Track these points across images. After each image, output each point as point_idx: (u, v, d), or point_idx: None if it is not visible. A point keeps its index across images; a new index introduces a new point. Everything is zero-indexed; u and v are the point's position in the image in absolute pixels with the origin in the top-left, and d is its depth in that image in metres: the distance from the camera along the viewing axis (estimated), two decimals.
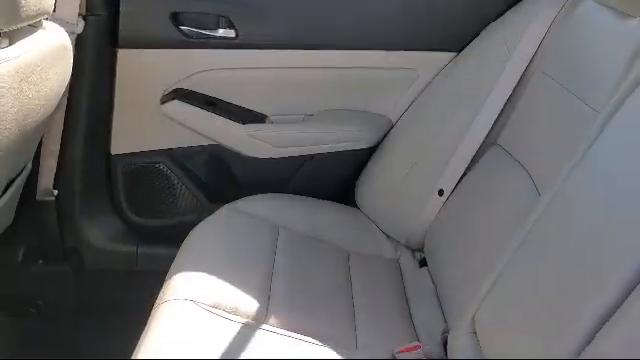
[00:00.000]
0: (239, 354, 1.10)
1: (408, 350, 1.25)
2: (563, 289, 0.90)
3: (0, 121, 1.15)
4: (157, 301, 1.24)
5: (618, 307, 0.79)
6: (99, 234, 1.81)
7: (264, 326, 1.19)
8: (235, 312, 1.21)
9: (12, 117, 1.21)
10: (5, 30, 1.15)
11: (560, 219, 1.00)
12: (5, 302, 1.73)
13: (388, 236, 1.68)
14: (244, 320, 1.19)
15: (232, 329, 1.15)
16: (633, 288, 0.78)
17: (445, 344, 1.25)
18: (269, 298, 1.28)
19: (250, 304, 1.24)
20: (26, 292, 1.76)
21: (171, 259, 1.40)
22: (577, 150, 1.05)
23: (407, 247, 1.64)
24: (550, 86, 1.34)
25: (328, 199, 1.79)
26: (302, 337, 1.19)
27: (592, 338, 0.81)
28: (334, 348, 1.18)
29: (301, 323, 1.23)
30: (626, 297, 0.78)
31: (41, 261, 1.80)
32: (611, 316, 0.79)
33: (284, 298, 1.30)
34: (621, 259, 0.81)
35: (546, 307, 0.93)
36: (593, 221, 0.91)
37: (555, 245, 0.98)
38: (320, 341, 1.19)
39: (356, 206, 1.79)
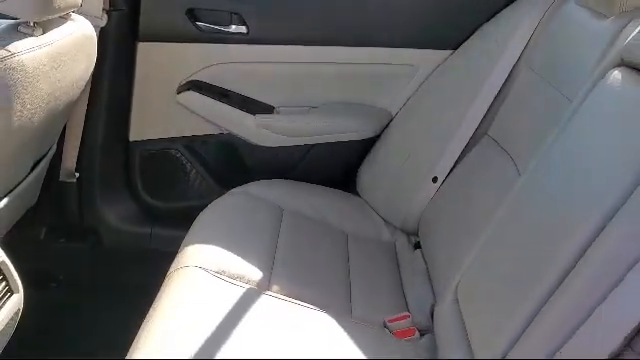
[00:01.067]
0: (243, 314, 1.20)
1: (398, 320, 1.36)
2: (529, 254, 1.01)
3: (33, 102, 1.28)
4: (170, 269, 1.36)
5: (572, 268, 0.90)
6: (116, 215, 1.93)
7: (266, 292, 1.30)
8: (240, 278, 1.32)
9: (43, 99, 1.33)
10: (39, 20, 1.28)
11: (531, 195, 1.11)
12: (28, 275, 1.84)
13: (386, 221, 1.78)
14: (248, 285, 1.30)
15: (237, 293, 1.26)
16: (584, 251, 0.89)
17: (432, 315, 1.36)
18: (272, 268, 1.39)
19: (254, 272, 1.35)
20: (48, 267, 1.88)
21: (183, 239, 1.49)
22: (552, 134, 1.16)
23: (403, 231, 1.74)
24: (534, 80, 1.44)
25: (331, 186, 1.89)
26: (301, 303, 1.29)
27: (552, 294, 0.92)
28: (330, 314, 1.28)
29: (300, 292, 1.33)
30: (580, 257, 0.89)
31: (62, 239, 1.93)
32: (567, 275, 0.90)
33: (285, 269, 1.40)
34: (577, 227, 0.92)
35: (515, 271, 1.04)
36: (557, 195, 1.02)
37: (525, 219, 1.09)
38: (318, 307, 1.29)
39: (357, 193, 1.90)
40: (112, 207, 1.93)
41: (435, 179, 1.66)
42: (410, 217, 1.70)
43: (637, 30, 1.06)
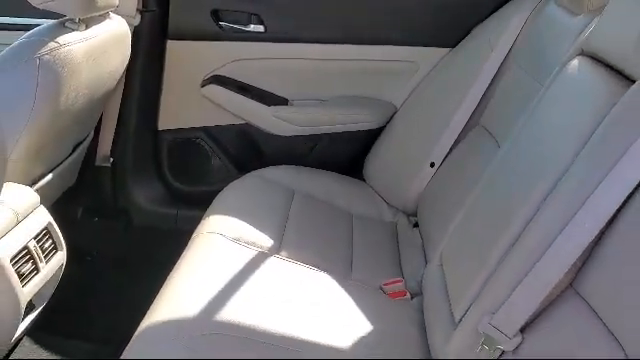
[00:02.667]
0: (255, 272, 1.38)
1: (392, 283, 1.52)
2: (493, 219, 1.18)
3: (76, 88, 1.48)
4: (194, 234, 1.54)
5: (523, 231, 1.06)
6: (146, 197, 2.12)
7: (277, 255, 1.48)
8: (254, 244, 1.49)
9: (84, 88, 1.53)
10: (83, 17, 1.48)
11: (502, 169, 1.28)
12: (66, 250, 2.03)
13: (388, 204, 1.94)
14: (261, 250, 1.48)
15: (251, 255, 1.44)
16: (534, 215, 1.05)
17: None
18: (282, 237, 1.57)
19: (266, 240, 1.53)
20: (84, 243, 2.03)
21: None
22: (524, 117, 1.32)
23: (404, 212, 1.90)
24: (518, 73, 1.61)
25: (339, 172, 2.05)
26: (306, 265, 1.47)
27: (506, 254, 1.08)
28: (332, 275, 1.45)
29: (306, 257, 1.50)
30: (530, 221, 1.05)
31: (96, 218, 2.11)
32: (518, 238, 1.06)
33: (294, 239, 1.58)
34: (528, 194, 1.08)
35: (481, 235, 1.20)
36: (520, 168, 1.19)
37: (495, 189, 1.26)
38: (321, 269, 1.47)
39: (363, 179, 2.06)
40: (142, 190, 2.11)
41: (432, 164, 1.83)
42: (410, 199, 1.86)
43: (594, 24, 1.21)
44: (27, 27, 1.74)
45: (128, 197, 2.10)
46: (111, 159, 2.06)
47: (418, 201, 1.85)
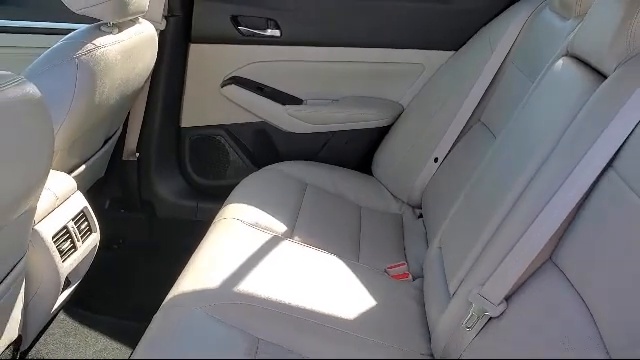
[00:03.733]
0: (269, 254, 1.52)
1: (395, 266, 1.65)
2: (485, 203, 1.31)
3: (110, 85, 1.62)
4: (214, 220, 1.68)
5: (508, 214, 1.19)
6: (168, 190, 2.25)
7: (289, 239, 1.62)
8: (269, 229, 1.63)
9: (116, 86, 1.68)
10: (116, 22, 1.63)
11: (495, 157, 1.41)
12: None
13: (395, 197, 2.07)
14: (275, 234, 1.62)
15: (266, 239, 1.58)
16: (518, 200, 1.18)
17: None
18: (295, 224, 1.70)
19: (280, 226, 1.66)
20: (111, 232, 2.12)
21: None
22: (516, 111, 1.45)
23: (409, 205, 2.03)
24: (515, 73, 1.73)
25: (349, 168, 2.19)
26: (316, 249, 1.60)
27: (503, 221, 1.21)
28: (340, 258, 1.58)
29: (316, 241, 1.64)
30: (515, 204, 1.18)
31: (123, 209, 2.25)
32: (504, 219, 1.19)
33: (306, 225, 1.71)
34: (514, 180, 1.21)
35: (474, 218, 1.33)
36: (509, 156, 1.31)
37: (488, 176, 1.39)
38: (330, 253, 1.60)
39: (372, 174, 2.19)
40: (165, 183, 2.25)
41: (436, 159, 1.95)
42: (414, 192, 1.99)
43: (578, 28, 1.34)
44: (63, 31, 1.91)
45: (152, 190, 2.23)
46: (137, 154, 2.19)
47: (422, 194, 1.97)
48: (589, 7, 1.39)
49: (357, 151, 2.24)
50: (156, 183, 2.24)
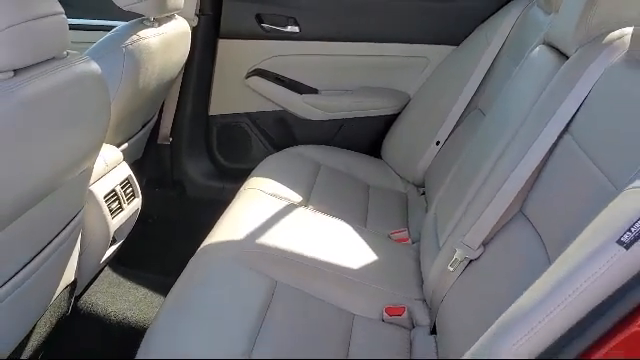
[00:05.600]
0: (286, 219, 1.74)
1: (398, 232, 1.88)
2: (469, 173, 1.52)
3: (150, 73, 1.87)
4: (239, 191, 1.92)
5: (487, 180, 1.40)
6: (197, 172, 2.48)
7: (304, 207, 1.85)
8: (286, 199, 1.87)
9: (156, 74, 1.93)
10: (157, 17, 1.88)
11: (481, 132, 1.62)
12: None
13: (401, 177, 2.29)
14: (292, 203, 1.85)
15: (283, 206, 1.81)
16: (494, 165, 1.39)
17: None
18: (309, 196, 1.93)
19: (296, 196, 1.90)
20: (146, 208, 2.33)
21: None
22: (501, 92, 1.67)
23: (414, 184, 2.25)
24: (507, 62, 1.94)
25: (360, 151, 2.41)
26: (328, 215, 1.83)
27: (484, 182, 1.42)
28: (349, 224, 1.80)
29: (328, 211, 1.86)
30: (492, 170, 1.40)
31: (157, 188, 2.48)
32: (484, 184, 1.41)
33: (319, 198, 1.94)
34: (492, 148, 1.43)
35: (460, 184, 1.55)
36: (491, 131, 1.53)
37: (475, 149, 1.60)
38: (340, 220, 1.82)
39: (381, 158, 2.41)
40: (195, 165, 2.48)
41: (438, 142, 2.17)
42: (418, 172, 2.20)
43: (551, 19, 1.55)
44: (105, 27, 2.17)
45: (183, 171, 2.46)
46: (170, 138, 2.43)
47: (425, 174, 2.19)
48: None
49: (367, 136, 2.46)
50: (187, 165, 2.47)
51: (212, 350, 1.21)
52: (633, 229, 0.69)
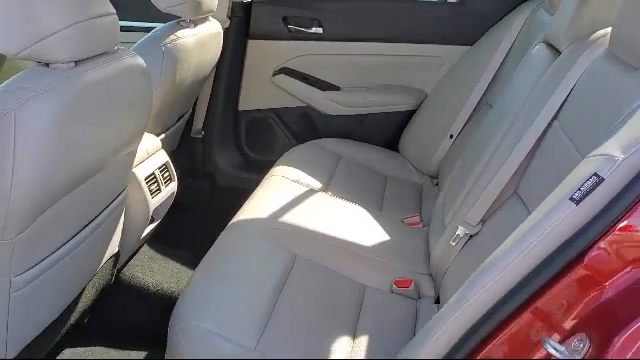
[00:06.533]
0: (307, 202, 1.91)
1: (410, 217, 2.03)
2: (476, 158, 1.67)
3: (187, 69, 2.06)
4: (264, 178, 2.10)
5: (489, 162, 1.56)
6: (227, 163, 2.66)
7: (324, 193, 2.02)
8: (308, 185, 2.04)
9: (191, 71, 2.11)
10: (192, 18, 2.06)
11: (487, 124, 1.77)
12: None
13: (417, 170, 2.44)
14: (313, 188, 2.02)
15: (304, 191, 1.98)
16: (494, 154, 1.54)
17: None
18: (329, 183, 2.10)
19: (317, 183, 2.07)
20: (179, 196, 2.42)
21: None
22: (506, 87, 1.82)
23: (429, 176, 2.40)
24: (514, 61, 2.08)
25: (379, 145, 2.56)
26: (345, 200, 1.99)
27: (485, 167, 1.58)
28: (365, 209, 1.97)
29: (346, 196, 2.03)
30: (493, 155, 1.55)
31: (190, 178, 2.63)
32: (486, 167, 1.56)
33: (338, 185, 2.11)
34: (492, 137, 1.58)
35: (467, 169, 1.70)
36: (494, 121, 1.68)
37: (479, 138, 1.76)
38: (357, 205, 1.98)
39: (398, 152, 2.57)
40: (224, 157, 2.65)
41: (451, 136, 2.32)
42: (433, 164, 2.36)
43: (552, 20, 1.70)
44: (145, 29, 2.35)
45: (214, 162, 2.64)
46: (202, 132, 2.61)
47: (439, 165, 2.34)
48: None
49: (386, 131, 2.61)
50: (217, 157, 2.64)
51: (236, 310, 1.39)
52: (582, 188, 0.84)
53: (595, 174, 0.84)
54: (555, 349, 0.79)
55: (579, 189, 0.85)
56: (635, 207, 0.81)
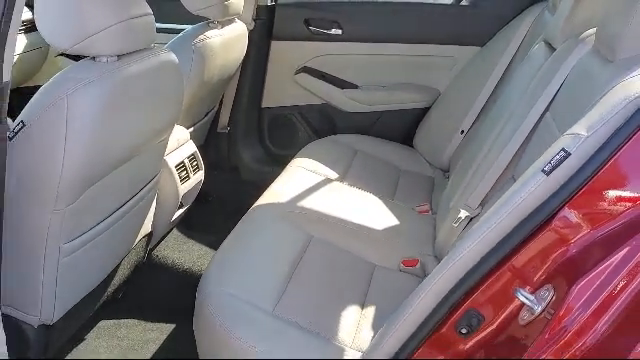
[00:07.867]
0: (324, 189, 2.06)
1: (421, 206, 2.17)
2: (483, 149, 1.81)
3: (213, 67, 2.23)
4: (285, 169, 2.25)
5: (493, 153, 1.69)
6: (251, 157, 2.82)
7: (340, 182, 2.16)
8: (325, 175, 2.19)
9: (218, 69, 2.28)
10: (219, 20, 2.23)
11: (491, 117, 1.91)
12: None
13: (430, 164, 2.57)
14: (329, 178, 2.17)
15: (321, 180, 2.13)
16: (494, 144, 1.68)
17: None
18: (345, 174, 2.25)
19: (333, 173, 2.22)
20: (206, 189, 2.57)
21: None
22: (508, 83, 1.95)
23: (440, 169, 2.53)
24: (519, 60, 2.21)
25: (394, 141, 2.70)
26: (360, 190, 2.14)
27: (485, 156, 1.71)
28: (378, 197, 2.11)
29: (361, 185, 2.17)
30: (494, 144, 1.69)
31: (215, 171, 2.77)
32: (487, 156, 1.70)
33: (354, 175, 2.25)
34: (494, 129, 1.71)
35: (473, 160, 1.84)
36: (498, 114, 1.82)
37: (485, 130, 1.89)
38: (371, 193, 2.13)
39: (413, 147, 2.70)
40: (248, 152, 2.81)
41: (462, 132, 2.45)
42: (445, 158, 2.49)
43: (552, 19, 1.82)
44: (173, 30, 2.53)
45: (238, 157, 2.80)
46: (228, 127, 2.78)
47: (450, 159, 2.47)
48: None
49: (401, 127, 2.74)
50: (241, 151, 2.81)
51: (257, 279, 1.54)
52: (553, 161, 0.98)
53: (563, 149, 0.98)
54: (526, 297, 0.93)
55: (549, 162, 0.99)
56: (595, 177, 0.95)
